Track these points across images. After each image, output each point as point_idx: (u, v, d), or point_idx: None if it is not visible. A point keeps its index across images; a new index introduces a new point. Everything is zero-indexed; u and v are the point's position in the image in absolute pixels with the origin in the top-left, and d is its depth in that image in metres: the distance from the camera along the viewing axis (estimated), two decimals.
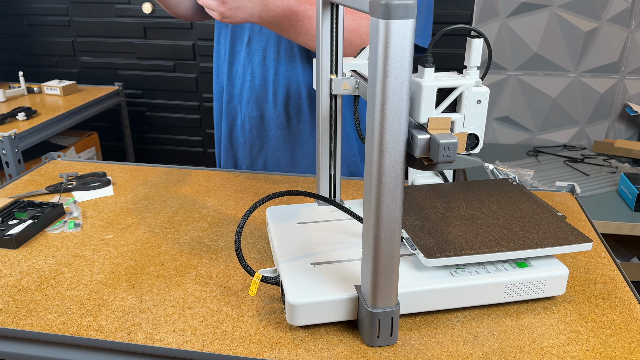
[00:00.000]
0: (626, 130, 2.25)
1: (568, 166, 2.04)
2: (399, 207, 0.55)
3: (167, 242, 0.85)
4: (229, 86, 1.19)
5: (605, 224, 1.63)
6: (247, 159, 1.23)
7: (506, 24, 2.14)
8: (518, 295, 0.68)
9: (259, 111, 1.16)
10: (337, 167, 0.82)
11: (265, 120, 1.17)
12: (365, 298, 0.61)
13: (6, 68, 2.70)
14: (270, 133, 1.18)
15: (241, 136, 1.21)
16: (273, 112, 1.15)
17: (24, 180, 1.09)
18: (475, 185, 0.87)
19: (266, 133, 1.18)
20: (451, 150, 0.53)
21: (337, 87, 0.76)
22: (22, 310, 0.69)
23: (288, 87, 1.12)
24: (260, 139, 1.19)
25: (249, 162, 1.23)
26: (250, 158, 1.22)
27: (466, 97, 0.58)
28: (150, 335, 0.64)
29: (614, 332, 0.65)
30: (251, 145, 1.21)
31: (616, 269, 0.78)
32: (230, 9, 0.91)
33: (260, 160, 1.22)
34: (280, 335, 0.64)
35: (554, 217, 0.75)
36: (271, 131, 1.17)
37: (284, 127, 1.16)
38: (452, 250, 0.67)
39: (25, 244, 0.85)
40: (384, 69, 0.50)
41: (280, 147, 1.18)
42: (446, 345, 0.62)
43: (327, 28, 0.74)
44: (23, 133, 1.80)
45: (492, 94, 2.24)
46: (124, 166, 1.16)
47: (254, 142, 1.20)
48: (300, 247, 0.74)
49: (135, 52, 2.55)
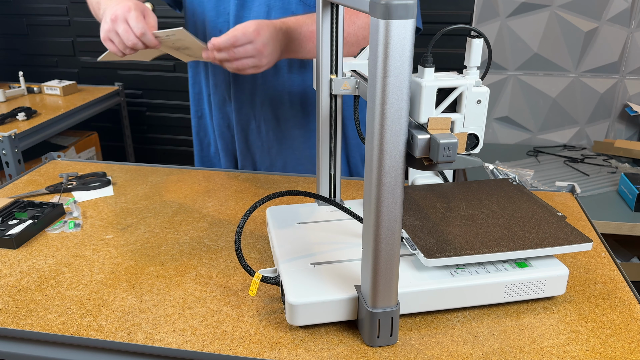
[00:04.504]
0: (626, 130, 2.24)
1: (568, 166, 2.03)
2: (399, 207, 0.55)
3: (167, 242, 0.85)
4: (238, 92, 1.15)
5: (605, 224, 1.63)
6: (267, 160, 1.21)
7: (506, 24, 2.14)
8: (518, 295, 0.68)
9: (273, 113, 1.15)
10: (337, 167, 0.82)
11: (282, 121, 1.16)
12: (365, 298, 0.61)
13: (6, 68, 2.70)
14: (287, 133, 1.17)
15: (257, 139, 1.19)
16: (290, 112, 1.15)
17: (24, 180, 1.09)
18: (475, 185, 0.87)
19: (283, 134, 1.17)
20: (451, 150, 0.53)
21: (337, 87, 0.76)
22: (22, 310, 0.69)
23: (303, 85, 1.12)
24: (278, 141, 1.18)
25: (268, 163, 1.21)
26: (269, 160, 1.21)
27: (466, 97, 0.58)
28: (150, 335, 0.64)
29: (614, 332, 0.65)
30: (269, 147, 1.19)
31: (616, 269, 0.78)
32: (267, 63, 0.91)
33: (279, 161, 1.21)
34: (280, 335, 0.64)
35: (554, 217, 0.75)
36: (288, 131, 1.17)
37: (302, 126, 1.16)
38: (452, 250, 0.67)
39: (25, 244, 0.85)
40: (384, 69, 0.50)
41: (299, 146, 1.18)
42: (446, 345, 0.62)
43: (327, 28, 0.74)
44: (23, 133, 1.80)
45: (492, 94, 2.24)
46: (124, 166, 1.16)
47: (272, 144, 1.19)
48: (300, 247, 0.74)
49: None
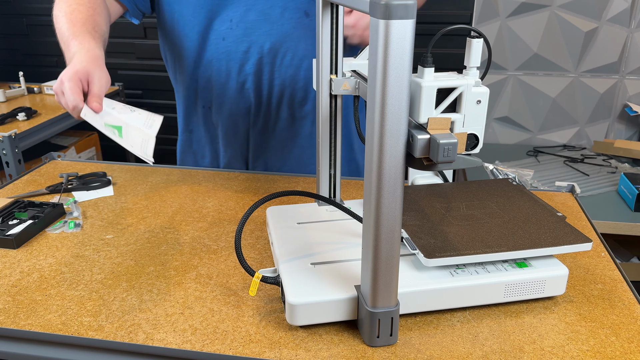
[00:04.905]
0: (626, 130, 2.25)
1: (568, 166, 2.04)
2: (399, 207, 0.55)
3: (167, 242, 0.85)
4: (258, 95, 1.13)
5: (605, 224, 1.63)
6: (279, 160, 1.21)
7: (506, 24, 2.14)
8: (518, 295, 0.68)
9: (290, 112, 1.15)
10: (337, 167, 0.82)
11: (297, 119, 1.16)
12: (365, 298, 0.61)
13: (6, 68, 2.70)
14: (301, 131, 1.17)
15: (272, 139, 1.19)
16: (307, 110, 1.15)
17: (24, 180, 1.09)
18: (475, 185, 0.87)
19: (297, 132, 1.17)
20: (451, 150, 0.53)
21: (337, 87, 0.76)
22: (22, 310, 0.69)
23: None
24: (292, 139, 1.18)
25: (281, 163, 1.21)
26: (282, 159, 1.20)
27: (466, 97, 0.58)
28: (151, 335, 0.64)
29: (613, 332, 0.65)
30: (283, 146, 1.19)
31: (616, 269, 0.78)
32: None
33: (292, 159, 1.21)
34: (280, 335, 0.64)
35: (554, 217, 0.76)
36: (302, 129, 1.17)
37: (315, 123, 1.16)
38: (452, 250, 0.67)
39: (25, 244, 0.85)
40: (384, 69, 0.50)
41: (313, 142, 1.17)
42: (446, 345, 0.62)
43: (327, 28, 0.74)
44: (23, 133, 1.80)
45: (492, 94, 2.24)
46: (124, 166, 1.16)
47: (286, 143, 1.18)
48: (300, 247, 0.74)
49: (135, 52, 2.55)
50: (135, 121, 0.88)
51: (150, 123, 0.90)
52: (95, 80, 0.86)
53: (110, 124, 0.86)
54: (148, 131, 0.88)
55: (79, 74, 0.85)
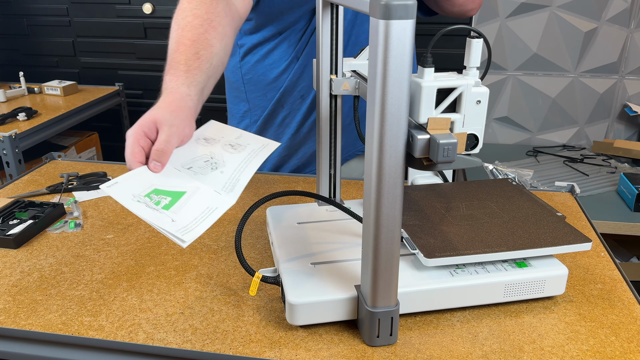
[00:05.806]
0: (625, 130, 2.25)
1: (567, 166, 2.04)
2: (399, 207, 0.56)
3: (168, 242, 0.85)
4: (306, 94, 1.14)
5: (604, 224, 1.63)
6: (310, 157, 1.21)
7: (506, 24, 2.14)
8: (517, 295, 0.68)
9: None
10: (337, 167, 0.83)
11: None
12: (365, 298, 0.61)
13: (6, 68, 2.70)
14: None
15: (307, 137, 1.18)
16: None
17: (25, 180, 1.09)
18: (475, 185, 0.87)
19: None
20: (451, 150, 0.53)
21: (337, 87, 0.76)
22: (22, 310, 0.69)
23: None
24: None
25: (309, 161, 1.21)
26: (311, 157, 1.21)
27: (466, 97, 0.58)
28: (151, 335, 0.64)
29: (613, 331, 0.65)
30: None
31: (615, 268, 0.78)
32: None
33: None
34: (280, 334, 0.64)
35: (554, 217, 0.76)
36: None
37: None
38: (451, 250, 0.67)
39: (25, 244, 0.85)
40: (383, 69, 0.50)
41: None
42: (446, 345, 0.62)
43: (327, 28, 0.74)
44: (23, 133, 1.81)
45: (491, 94, 2.24)
46: (124, 166, 1.16)
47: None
48: (300, 247, 0.74)
49: (135, 52, 2.55)
50: (215, 181, 0.67)
51: (232, 185, 0.66)
52: (164, 130, 0.69)
53: (163, 188, 0.64)
54: (223, 198, 0.65)
55: (144, 127, 0.70)
